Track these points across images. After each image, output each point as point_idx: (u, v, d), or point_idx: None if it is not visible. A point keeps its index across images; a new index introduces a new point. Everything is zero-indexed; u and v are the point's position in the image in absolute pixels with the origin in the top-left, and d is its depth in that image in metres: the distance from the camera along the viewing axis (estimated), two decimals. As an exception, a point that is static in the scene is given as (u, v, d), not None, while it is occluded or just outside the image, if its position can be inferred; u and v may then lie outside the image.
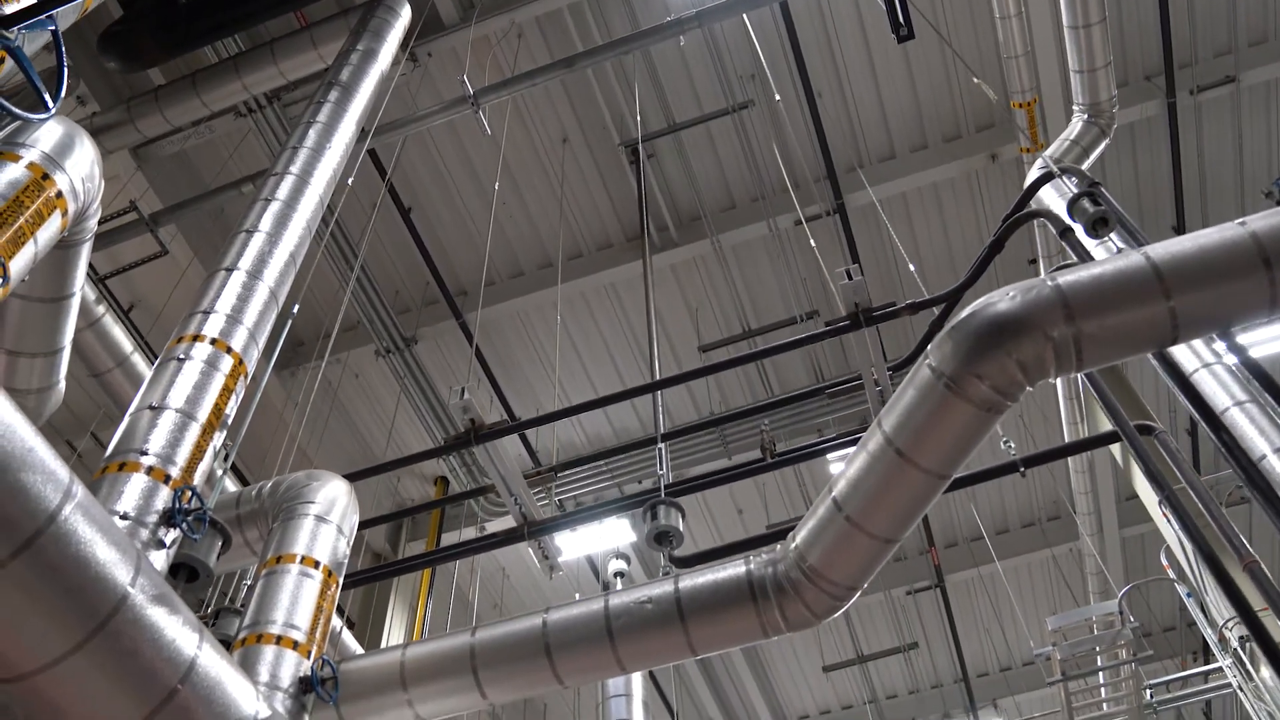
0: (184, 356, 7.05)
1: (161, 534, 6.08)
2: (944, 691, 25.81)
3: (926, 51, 16.96)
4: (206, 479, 6.85)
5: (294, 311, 8.67)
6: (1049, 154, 11.62)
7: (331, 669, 6.77)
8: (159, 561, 6.04)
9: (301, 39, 13.67)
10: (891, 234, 16.80)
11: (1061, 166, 9.39)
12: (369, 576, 10.87)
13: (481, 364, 18.94)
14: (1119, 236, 9.15)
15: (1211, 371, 8.80)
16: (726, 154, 17.93)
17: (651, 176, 17.44)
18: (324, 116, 10.21)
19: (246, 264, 7.96)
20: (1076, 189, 8.24)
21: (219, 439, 6.86)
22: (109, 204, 14.67)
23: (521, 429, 10.24)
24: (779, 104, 15.70)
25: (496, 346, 19.46)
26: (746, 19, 15.16)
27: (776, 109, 16.72)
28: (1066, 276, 6.05)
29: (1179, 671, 19.13)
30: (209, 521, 6.47)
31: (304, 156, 9.48)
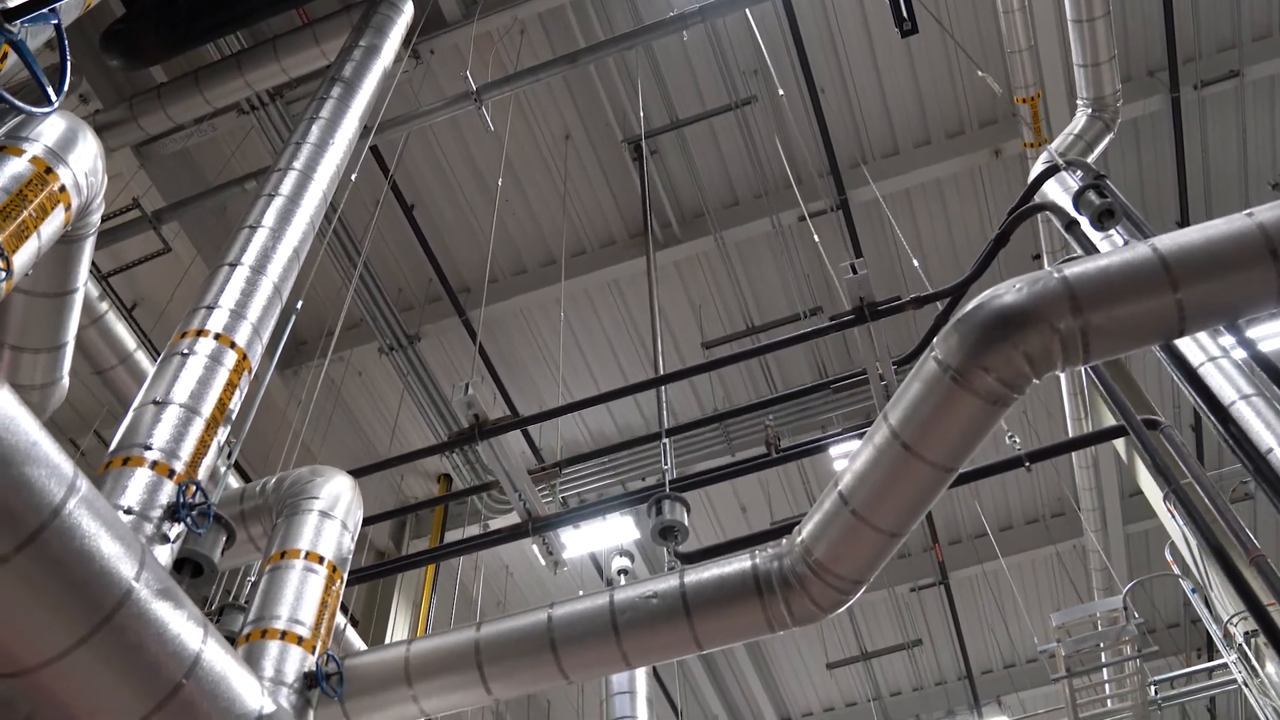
0: (188, 351, 7.03)
1: (166, 529, 6.06)
2: (948, 688, 25.79)
3: (929, 46, 16.93)
4: (210, 475, 6.84)
5: (298, 307, 8.66)
6: (1053, 147, 11.58)
7: (336, 664, 6.76)
8: (163, 556, 6.03)
9: (304, 36, 13.65)
10: (895, 229, 16.77)
11: (1067, 159, 9.36)
12: (373, 573, 10.86)
13: (485, 361, 18.92)
14: (1123, 231, 9.14)
15: (1217, 365, 8.77)
16: (729, 150, 17.91)
17: (654, 173, 17.41)
18: (327, 112, 10.19)
19: (250, 259, 7.94)
20: (1082, 182, 8.21)
21: (223, 434, 6.85)
22: (111, 202, 14.67)
23: (526, 424, 10.23)
24: (782, 99, 15.67)
25: (500, 344, 19.44)
26: (749, 14, 15.14)
27: (779, 105, 16.70)
28: (1073, 268, 6.02)
29: (1183, 668, 19.11)
30: (213, 516, 6.46)
31: (307, 152, 9.46)
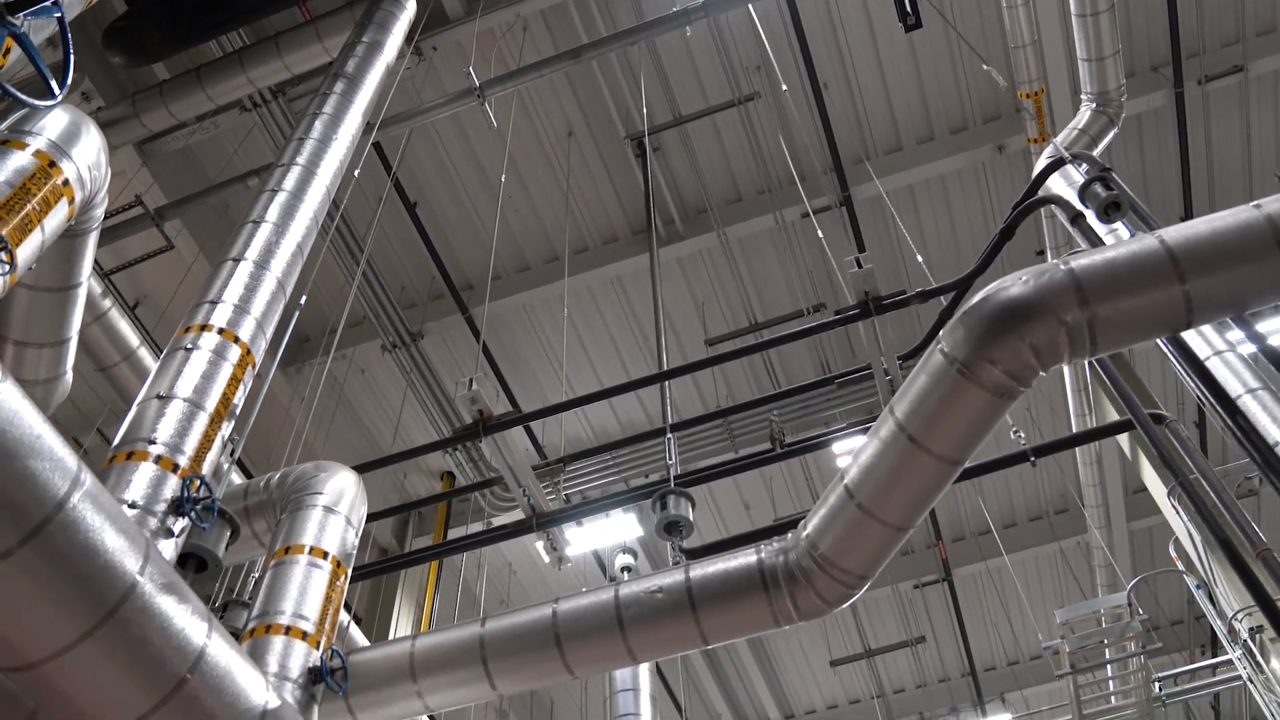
0: (191, 346, 7.01)
1: (170, 523, 6.04)
2: (951, 686, 25.77)
3: (933, 43, 16.90)
4: (214, 471, 6.82)
5: (301, 302, 8.64)
6: (1058, 142, 11.57)
7: (341, 659, 6.74)
8: (167, 551, 6.01)
9: (306, 32, 13.64)
10: (899, 225, 16.74)
11: (1073, 152, 9.34)
12: (377, 569, 10.85)
13: (488, 359, 18.90)
14: (1128, 225, 9.11)
15: (1223, 359, 8.77)
16: (732, 146, 17.89)
17: (657, 169, 17.40)
18: (330, 108, 10.17)
19: (254, 254, 7.93)
20: (1087, 175, 8.19)
21: (227, 429, 6.83)
22: (114, 200, 14.65)
23: (530, 419, 10.22)
24: (785, 94, 15.64)
25: (503, 341, 19.43)
26: (752, 9, 15.12)
27: (782, 101, 16.67)
28: (1079, 260, 6.00)
29: (1186, 665, 19.08)
30: (217, 511, 6.44)
31: (310, 148, 9.44)
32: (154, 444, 6.28)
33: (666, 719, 20.55)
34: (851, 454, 6.86)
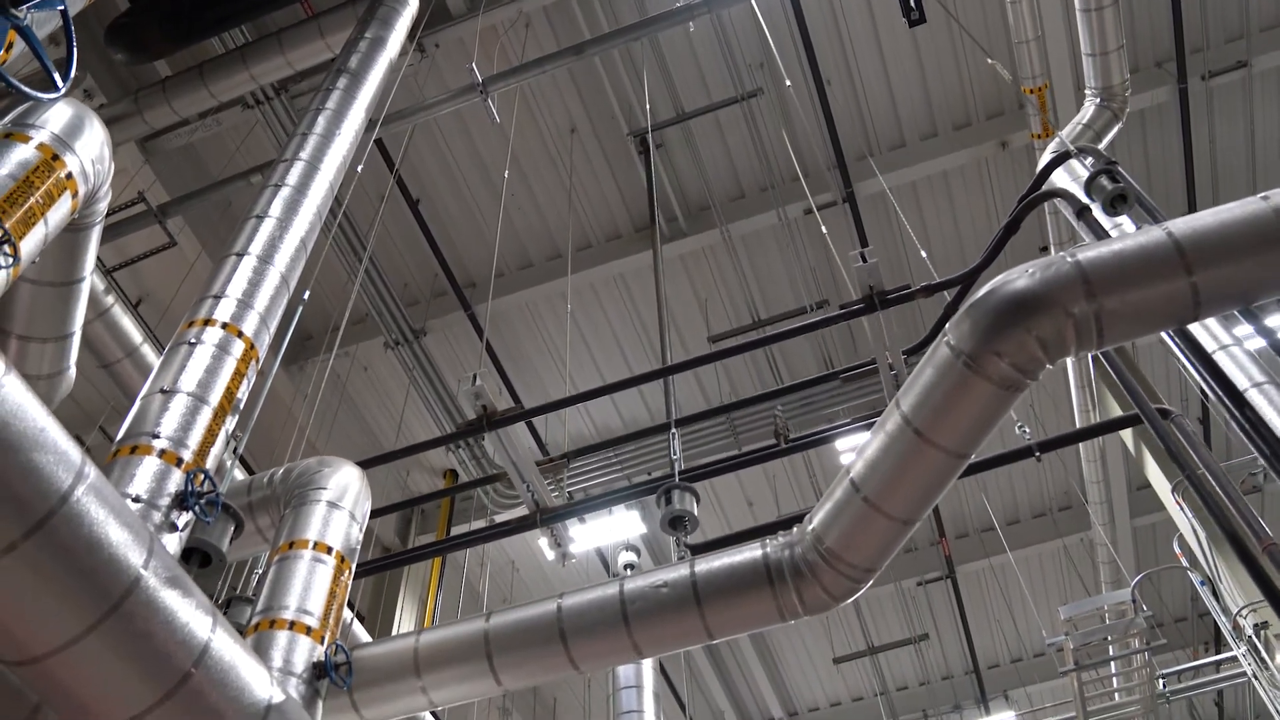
0: (195, 341, 6.99)
1: (174, 517, 6.02)
2: (954, 683, 25.74)
3: (936, 38, 16.88)
4: (217, 467, 6.80)
5: (305, 298, 8.63)
6: (1064, 134, 11.54)
7: (345, 654, 6.71)
8: (171, 545, 5.99)
9: (309, 29, 13.63)
10: (903, 221, 16.71)
11: (1078, 146, 9.31)
12: (380, 565, 10.84)
13: (491, 356, 18.89)
14: (1133, 219, 9.08)
15: (1229, 353, 8.74)
16: (735, 143, 17.86)
17: (660, 166, 17.38)
18: (333, 104, 10.15)
19: (257, 249, 7.90)
20: (1093, 168, 8.16)
21: (231, 423, 6.81)
22: (116, 197, 14.63)
23: (534, 415, 10.21)
24: (789, 90, 15.60)
25: (505, 338, 19.40)
26: (755, 5, 15.08)
27: (785, 97, 16.64)
28: (1086, 253, 5.98)
29: (1189, 662, 19.04)
30: (221, 506, 6.42)
31: (313, 143, 9.42)
32: (158, 438, 6.26)
33: (670, 716, 20.53)
34: (855, 450, 6.84)
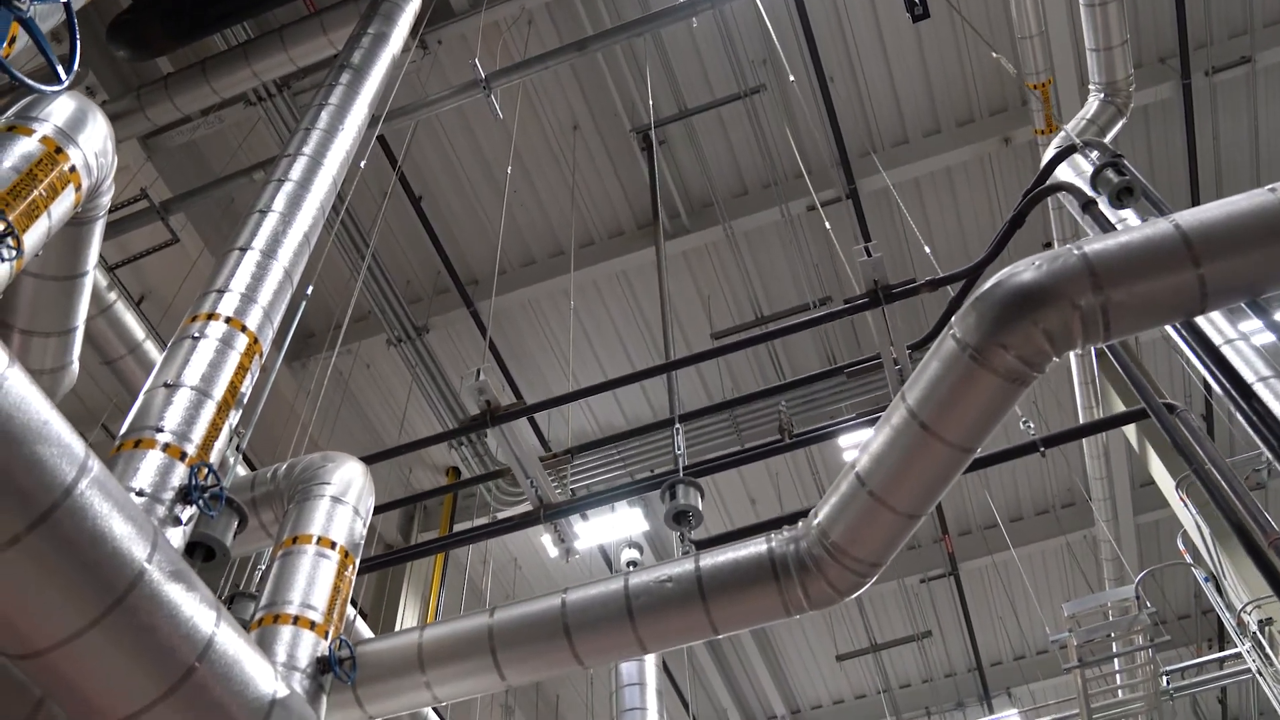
0: (199, 335, 6.97)
1: (178, 511, 6.00)
2: (957, 680, 25.72)
3: (939, 34, 16.85)
4: (220, 463, 6.78)
5: (308, 293, 8.61)
6: (1069, 128, 11.51)
7: (349, 649, 6.69)
8: (175, 539, 5.97)
9: (311, 25, 13.62)
10: (906, 217, 16.68)
11: (1084, 139, 9.28)
12: (384, 561, 10.82)
13: (494, 353, 18.87)
14: (1138, 213, 9.05)
15: (1234, 348, 8.71)
16: (738, 139, 17.84)
17: (663, 163, 17.35)
18: (336, 99, 10.13)
19: (260, 243, 7.88)
20: (1099, 161, 8.13)
21: (235, 417, 6.79)
22: (118, 194, 14.61)
23: (538, 410, 10.19)
24: (792, 86, 15.59)
25: (508, 335, 19.39)
26: (758, 1, 15.06)
27: (788, 93, 16.62)
28: (1093, 245, 5.95)
29: (1192, 660, 19.01)
30: (225, 500, 6.40)
31: (316, 138, 9.40)
32: (161, 432, 6.24)
33: (672, 714, 20.51)
34: (858, 447, 6.80)
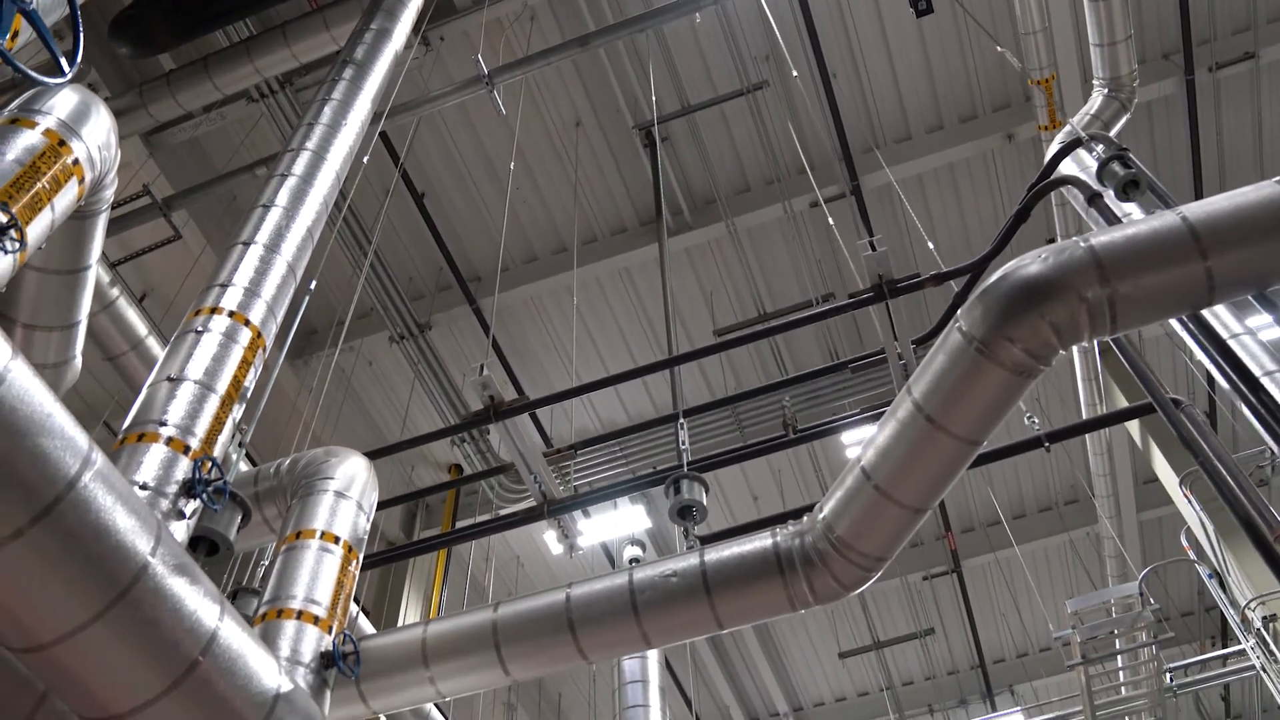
0: (202, 329, 6.95)
1: (181, 505, 5.98)
2: (960, 678, 25.70)
3: (942, 30, 16.82)
4: (223, 458, 6.75)
5: (311, 287, 8.59)
6: (1074, 122, 11.49)
7: (353, 644, 6.69)
8: (179, 533, 5.95)
9: (314, 21, 13.60)
10: (910, 213, 16.66)
11: (1089, 133, 9.25)
12: (386, 557, 10.80)
13: (496, 350, 18.86)
14: (1142, 208, 9.02)
15: (1240, 342, 8.66)
16: (741, 136, 17.81)
17: (665, 159, 17.33)
18: (339, 94, 10.09)
19: (264, 238, 7.86)
20: (1105, 154, 8.11)
21: (238, 411, 6.77)
22: (120, 191, 14.62)
23: (541, 405, 10.18)
24: (796, 80, 15.55)
25: (511, 332, 19.38)
26: (761, -4, 15.06)
27: (791, 90, 16.59)
28: (1099, 238, 5.93)
29: (1195, 657, 18.99)
30: (229, 494, 6.38)
31: (320, 133, 9.37)
32: (165, 426, 6.22)
33: (675, 711, 20.51)
34: (861, 444, 6.78)
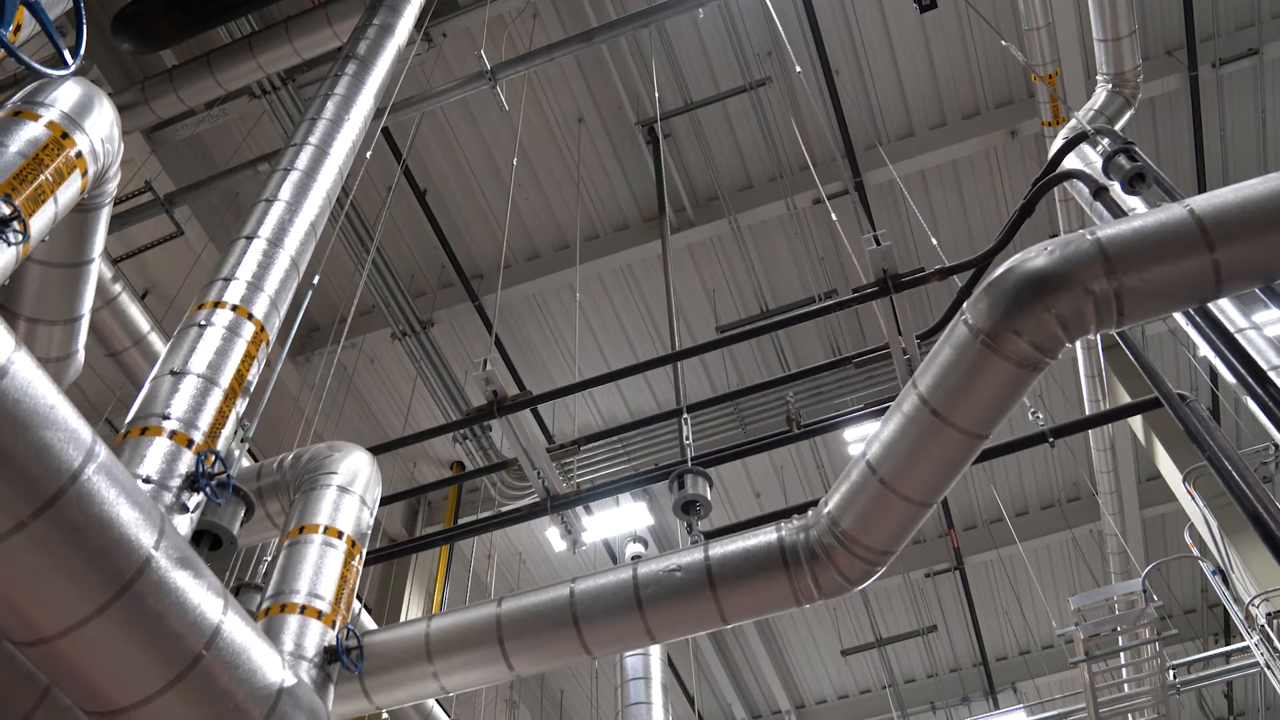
0: (205, 323, 6.93)
1: (185, 498, 5.96)
2: (963, 675, 25.69)
3: (945, 27, 16.79)
4: (226, 453, 6.73)
5: (314, 283, 8.57)
6: (1079, 116, 11.45)
7: (356, 639, 6.67)
8: (182, 526, 5.94)
9: (316, 17, 13.57)
10: (913, 209, 16.64)
11: (1095, 127, 9.22)
12: (389, 553, 10.77)
13: (498, 348, 18.84)
14: (1146, 203, 9.00)
15: (1245, 337, 8.65)
16: (743, 132, 17.79)
17: (668, 156, 17.31)
18: (342, 89, 10.08)
19: (267, 232, 7.83)
20: (1110, 147, 8.08)
21: (241, 405, 6.75)
22: (122, 188, 14.60)
23: (544, 400, 10.15)
24: (799, 77, 15.53)
25: (513, 329, 19.36)
26: (764, -8, 15.03)
27: (794, 86, 16.56)
28: (1106, 230, 5.90)
29: (1199, 654, 18.97)
30: (232, 489, 6.36)
31: (323, 128, 9.35)
32: (168, 419, 6.20)
33: (677, 709, 20.50)
34: (864, 441, 6.76)
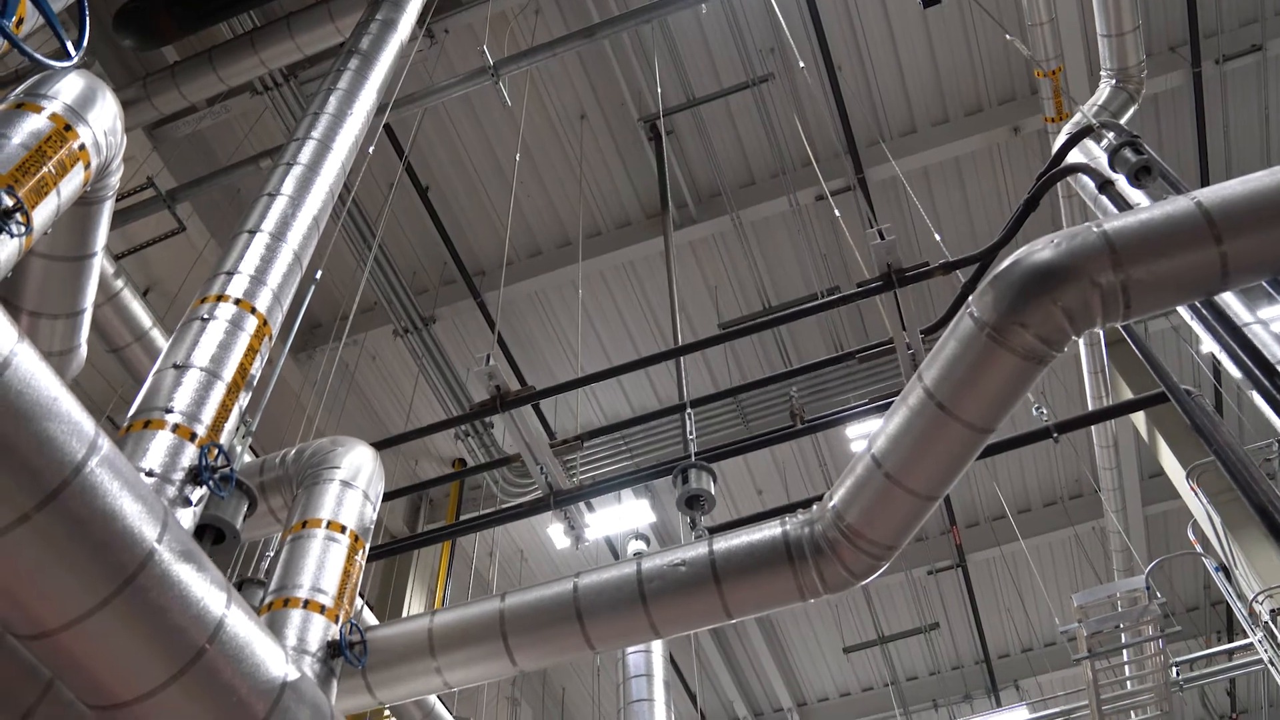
0: (208, 316, 6.91)
1: (188, 492, 5.95)
2: (965, 672, 25.67)
3: (947, 23, 16.76)
4: (229, 447, 6.72)
5: (317, 277, 8.55)
6: (1084, 109, 11.43)
7: (360, 633, 6.64)
8: (186, 520, 5.92)
9: (319, 13, 13.54)
10: (916, 206, 16.61)
11: (1101, 121, 9.20)
12: (391, 549, 10.76)
13: (501, 344, 18.82)
14: (1149, 198, 8.98)
15: (1251, 331, 8.63)
16: (746, 129, 17.76)
17: (670, 153, 17.28)
18: (344, 84, 10.06)
19: (270, 226, 7.82)
20: (1116, 140, 8.05)
21: (244, 399, 6.73)
22: (123, 184, 14.58)
23: (547, 395, 10.13)
24: (801, 73, 15.51)
25: (515, 327, 19.35)
26: (767, -11, 15.01)
27: (796, 83, 16.53)
28: (1112, 223, 5.88)
29: (1202, 651, 18.95)
30: (235, 483, 6.34)
31: (325, 122, 9.34)
32: (171, 413, 6.18)
33: (679, 706, 20.48)
34: (867, 438, 6.74)
